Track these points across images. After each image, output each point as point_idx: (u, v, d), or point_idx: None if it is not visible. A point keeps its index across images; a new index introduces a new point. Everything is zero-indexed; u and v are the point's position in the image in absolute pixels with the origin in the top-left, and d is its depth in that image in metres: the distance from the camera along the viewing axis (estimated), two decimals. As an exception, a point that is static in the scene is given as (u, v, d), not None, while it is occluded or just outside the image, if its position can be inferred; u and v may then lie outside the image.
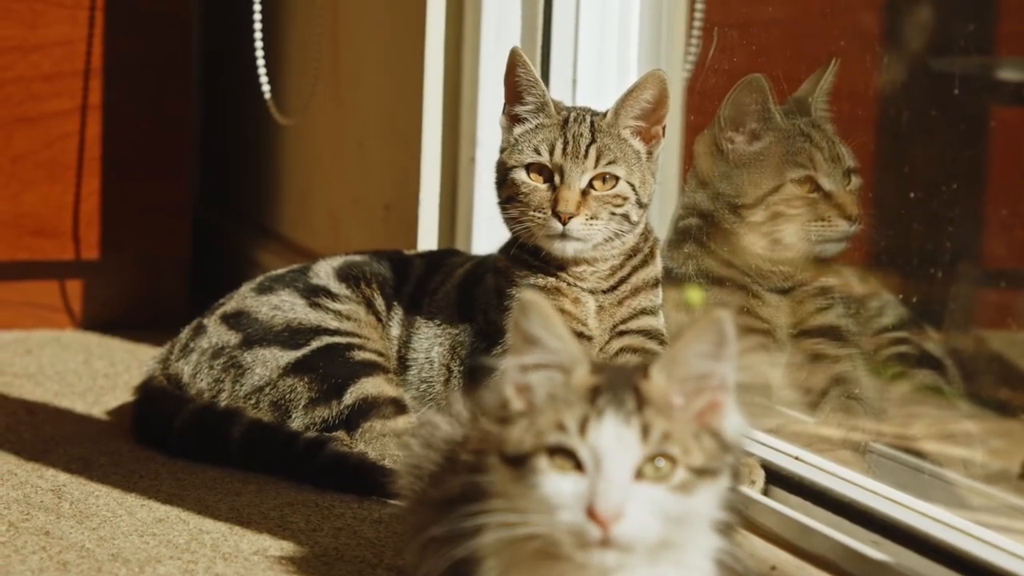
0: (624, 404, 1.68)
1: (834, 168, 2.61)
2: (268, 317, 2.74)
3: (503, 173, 2.60)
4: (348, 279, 2.77)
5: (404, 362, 2.72)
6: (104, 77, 3.62)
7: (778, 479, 2.42)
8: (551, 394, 1.72)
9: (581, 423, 1.68)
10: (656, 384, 1.71)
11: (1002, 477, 2.41)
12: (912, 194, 2.53)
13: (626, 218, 2.55)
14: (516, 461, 1.70)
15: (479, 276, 2.72)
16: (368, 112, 3.41)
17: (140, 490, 2.53)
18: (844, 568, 2.19)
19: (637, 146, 2.57)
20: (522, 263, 2.61)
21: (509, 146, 2.60)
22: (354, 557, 2.28)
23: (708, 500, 1.70)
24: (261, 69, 3.54)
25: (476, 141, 3.12)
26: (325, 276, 2.78)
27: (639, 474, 1.67)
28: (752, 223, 2.63)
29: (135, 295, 3.71)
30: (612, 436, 1.67)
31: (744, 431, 1.77)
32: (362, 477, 2.55)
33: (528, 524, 1.68)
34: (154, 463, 2.68)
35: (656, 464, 1.68)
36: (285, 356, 2.69)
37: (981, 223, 2.55)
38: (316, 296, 2.75)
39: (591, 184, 2.53)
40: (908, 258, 2.56)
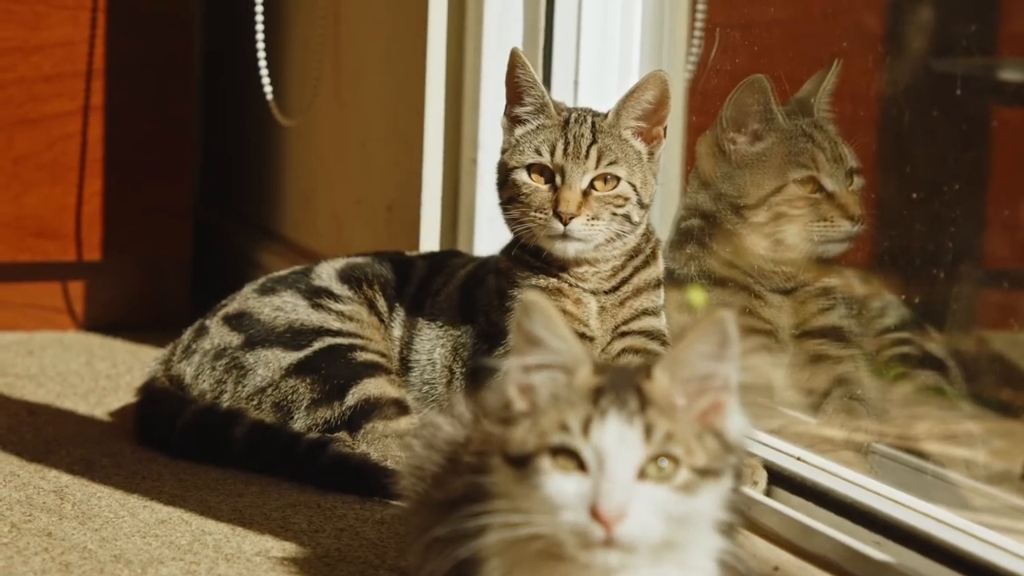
0: (627, 404, 1.69)
1: (836, 168, 2.61)
2: (270, 318, 2.74)
3: (504, 174, 2.60)
4: (350, 280, 2.77)
5: (406, 363, 2.72)
6: (106, 78, 3.62)
7: (780, 480, 2.42)
8: (554, 394, 1.72)
9: (584, 423, 1.68)
10: (659, 384, 1.71)
11: (1004, 478, 2.41)
12: (914, 195, 2.53)
13: (627, 219, 2.55)
14: (519, 461, 1.70)
15: (481, 277, 2.72)
16: (370, 113, 3.41)
17: (142, 491, 2.53)
18: (846, 569, 2.19)
19: (638, 147, 2.57)
20: (524, 264, 2.61)
21: (510, 147, 2.60)
22: (356, 558, 2.28)
23: (711, 500, 1.70)
24: (263, 70, 3.54)
25: (478, 142, 3.12)
26: (327, 277, 2.78)
27: (642, 474, 1.67)
28: (754, 224, 2.63)
29: (137, 296, 3.71)
30: (615, 436, 1.67)
31: (746, 432, 1.77)
32: (364, 478, 2.55)
33: (531, 524, 1.68)
34: (156, 464, 2.68)
35: (659, 464, 1.68)
36: (287, 357, 2.69)
37: (983, 224, 2.55)
38: (318, 297, 2.75)
39: (592, 185, 2.53)
40: (910, 259, 2.56)
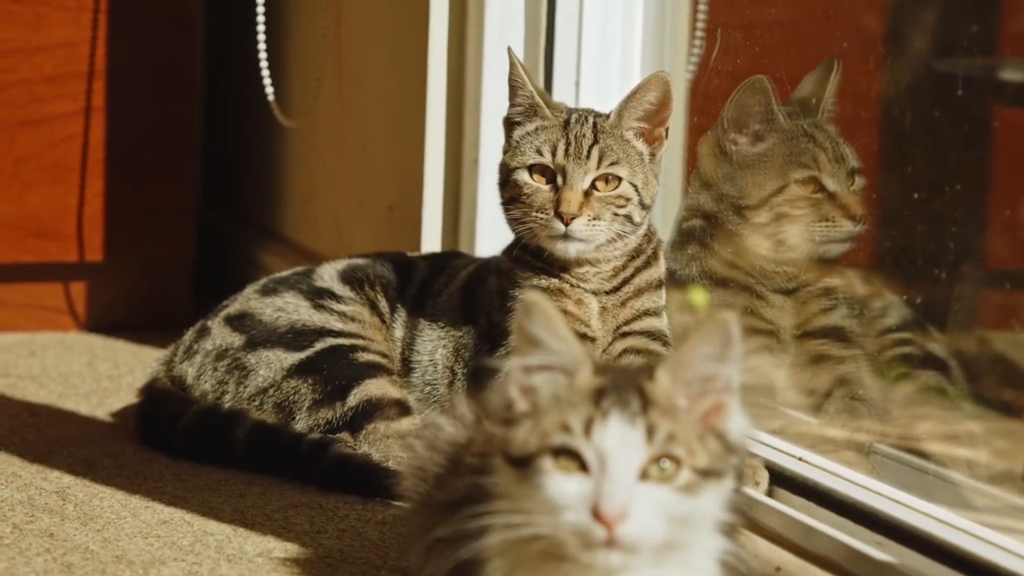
0: (629, 405, 1.69)
1: (838, 168, 2.61)
2: (272, 319, 2.74)
3: (506, 174, 2.60)
4: (352, 281, 2.77)
5: (408, 364, 2.72)
6: (107, 79, 3.62)
7: (782, 480, 2.42)
8: (555, 395, 1.72)
9: (586, 424, 1.68)
10: (661, 385, 1.71)
11: (1006, 478, 2.41)
12: (915, 195, 2.53)
13: (629, 219, 2.55)
14: (521, 462, 1.70)
15: (482, 278, 2.72)
16: (372, 114, 3.41)
17: (144, 492, 2.54)
18: (848, 569, 2.19)
19: (640, 147, 2.57)
20: (525, 264, 2.61)
21: (511, 147, 2.60)
22: (358, 559, 2.28)
23: (712, 501, 1.70)
24: (264, 71, 3.54)
25: (479, 143, 3.12)
26: (329, 278, 2.78)
27: (644, 475, 1.67)
28: (756, 224, 2.63)
29: (139, 297, 3.71)
30: (617, 437, 1.67)
31: (748, 432, 1.77)
32: (366, 479, 2.55)
33: (533, 525, 1.68)
34: (158, 465, 2.68)
35: (661, 465, 1.68)
36: (289, 358, 2.69)
37: (984, 224, 2.55)
38: (320, 298, 2.75)
39: (594, 185, 2.53)
40: (912, 259, 2.56)
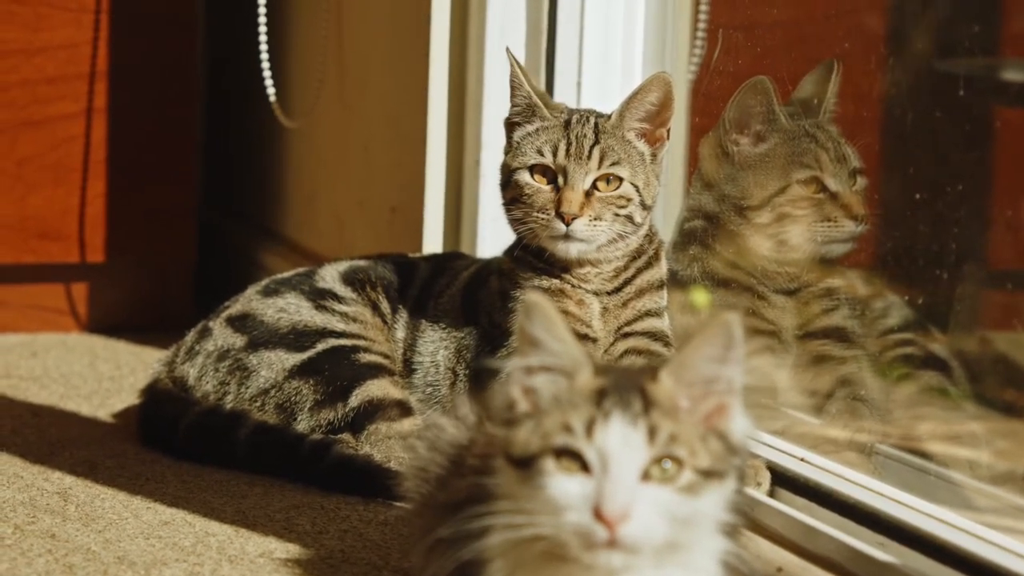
0: (631, 406, 1.69)
1: (840, 169, 2.61)
2: (274, 320, 2.74)
3: (507, 175, 2.60)
4: (353, 282, 2.77)
5: (409, 365, 2.72)
6: (109, 80, 3.62)
7: (784, 481, 2.42)
8: (556, 396, 1.72)
9: (587, 425, 1.68)
10: (663, 386, 1.71)
11: (1008, 478, 2.41)
12: (917, 195, 2.53)
13: (630, 219, 2.55)
14: (522, 463, 1.70)
15: (484, 279, 2.72)
16: (373, 115, 3.41)
17: (146, 493, 2.54)
18: (850, 569, 2.19)
19: (641, 148, 2.57)
20: (526, 265, 2.61)
21: (512, 148, 2.60)
22: (360, 559, 2.28)
23: (714, 502, 1.70)
24: (266, 72, 3.54)
25: (481, 144, 3.12)
26: (331, 279, 2.78)
27: (645, 475, 1.67)
28: (758, 224, 2.63)
29: (141, 298, 3.71)
30: (619, 438, 1.67)
31: (749, 433, 1.77)
32: (368, 479, 2.55)
33: (534, 525, 1.68)
34: (160, 466, 2.68)
35: (663, 466, 1.68)
36: (291, 358, 2.69)
37: (986, 224, 2.55)
38: (322, 299, 2.75)
39: (595, 185, 2.53)
40: (913, 259, 2.56)
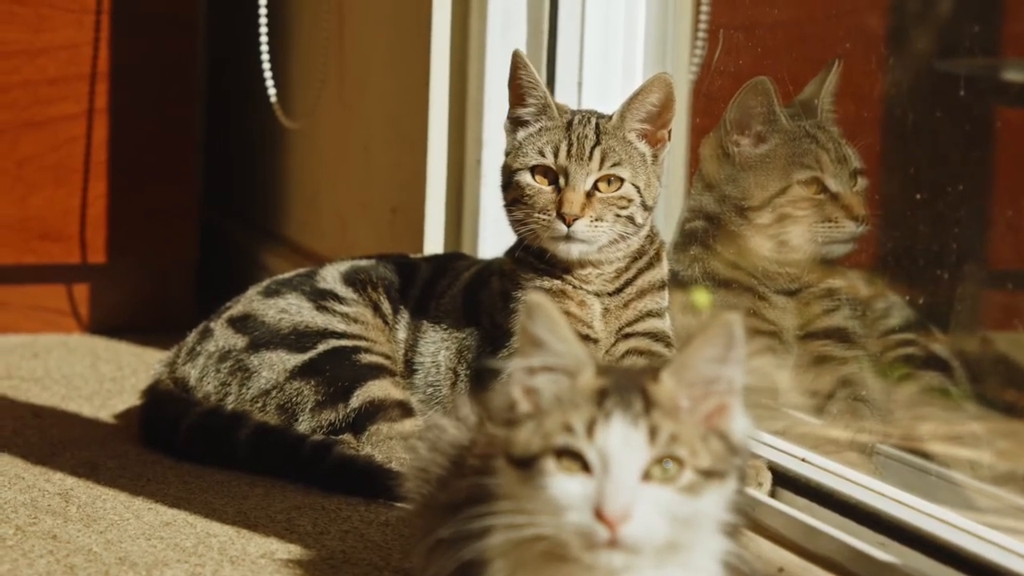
0: (632, 406, 1.69)
1: (840, 169, 2.61)
2: (275, 320, 2.74)
3: (508, 176, 2.60)
4: (354, 283, 2.77)
5: (411, 366, 2.72)
6: (110, 81, 3.62)
7: (785, 481, 2.42)
8: (557, 396, 1.72)
9: (588, 425, 1.68)
10: (665, 387, 1.71)
11: (1009, 478, 2.41)
12: (918, 195, 2.53)
13: (631, 220, 2.55)
14: (523, 463, 1.70)
15: (485, 279, 2.72)
16: (374, 115, 3.41)
17: (147, 493, 2.54)
18: (851, 570, 2.19)
19: (642, 149, 2.57)
20: (527, 266, 2.61)
21: (514, 149, 2.60)
22: (361, 560, 2.28)
23: (715, 502, 1.70)
24: (267, 72, 3.55)
25: (482, 144, 3.12)
26: (332, 280, 2.78)
27: (646, 476, 1.67)
28: (759, 225, 2.63)
29: (142, 299, 3.71)
30: (620, 438, 1.67)
31: (750, 433, 1.77)
32: (369, 480, 2.55)
33: (535, 525, 1.68)
34: (161, 466, 2.68)
35: (664, 466, 1.68)
36: (292, 359, 2.69)
37: (987, 224, 2.55)
38: (323, 299, 2.75)
39: (596, 186, 2.53)
40: (914, 260, 2.56)
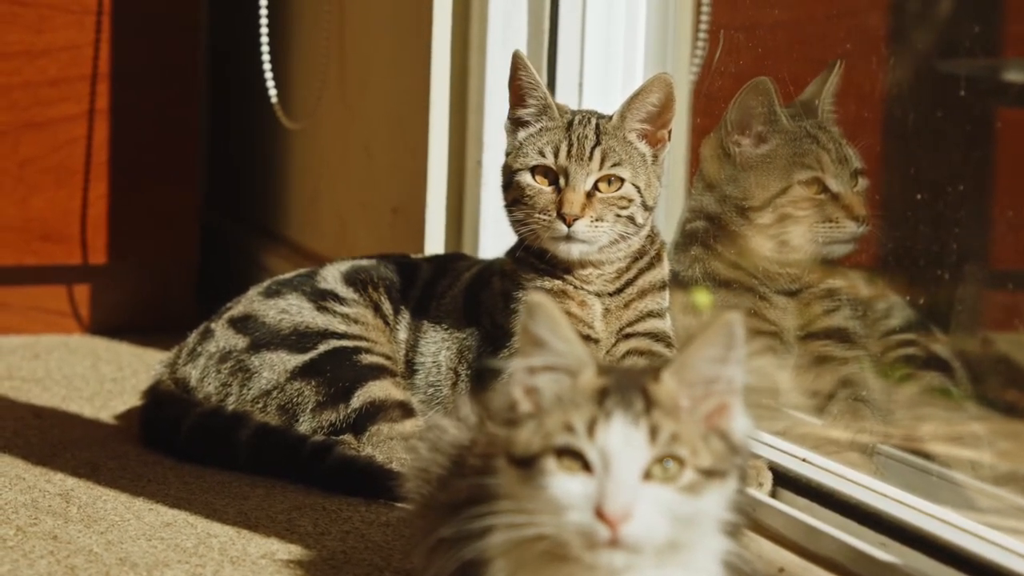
0: (632, 406, 1.69)
1: (841, 169, 2.61)
2: (275, 321, 2.74)
3: (508, 176, 2.60)
4: (355, 283, 2.77)
5: (411, 366, 2.72)
6: (111, 82, 3.62)
7: (786, 481, 2.41)
8: (558, 396, 1.72)
9: (589, 425, 1.68)
10: (666, 386, 1.71)
11: (1010, 478, 2.41)
12: (918, 196, 2.53)
13: (631, 220, 2.55)
14: (524, 463, 1.70)
15: (486, 280, 2.72)
16: (375, 116, 3.41)
17: (148, 494, 2.54)
18: (852, 570, 2.19)
19: (643, 149, 2.57)
20: (528, 266, 2.61)
21: (514, 149, 2.60)
22: (362, 560, 2.28)
23: (716, 501, 1.71)
24: (268, 73, 3.55)
25: (483, 145, 3.12)
26: (332, 280, 2.78)
27: (647, 475, 1.67)
28: (759, 225, 2.63)
29: (142, 299, 3.72)
30: (620, 437, 1.67)
31: (750, 433, 1.77)
32: (370, 480, 2.55)
33: (536, 525, 1.68)
34: (162, 467, 2.68)
35: (664, 465, 1.68)
36: (292, 360, 2.69)
37: (988, 224, 2.54)
38: (323, 300, 2.75)
39: (596, 186, 2.53)
40: (915, 260, 2.56)
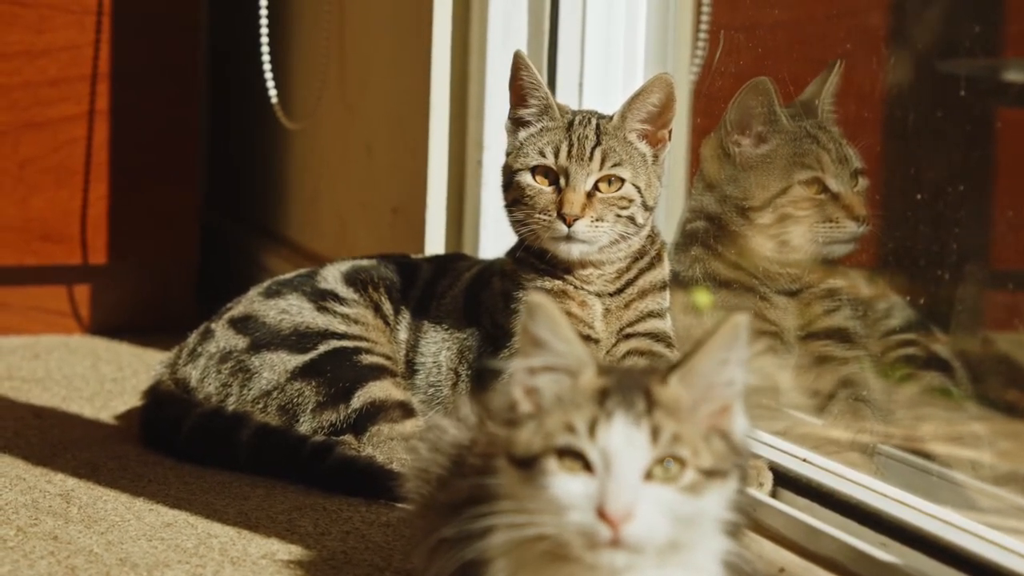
0: (634, 406, 1.69)
1: (841, 169, 2.61)
2: (276, 321, 2.74)
3: (508, 176, 2.60)
4: (355, 283, 2.77)
5: (412, 366, 2.72)
6: (111, 82, 3.62)
7: (786, 481, 2.41)
8: (558, 396, 1.72)
9: (590, 425, 1.68)
10: (670, 388, 1.71)
11: (1010, 478, 2.41)
12: (919, 196, 2.53)
13: (632, 220, 2.55)
14: (525, 463, 1.70)
15: (486, 280, 2.72)
16: (375, 116, 3.41)
17: (148, 494, 2.54)
18: (852, 570, 2.19)
19: (643, 149, 2.57)
20: (528, 266, 2.61)
21: (514, 149, 2.60)
22: (362, 561, 2.28)
23: (717, 501, 1.71)
24: (268, 74, 3.55)
25: (483, 145, 3.12)
26: (333, 280, 2.78)
27: (648, 475, 1.67)
28: (760, 225, 2.63)
29: (143, 300, 3.72)
30: (622, 437, 1.67)
31: (748, 433, 1.77)
32: (370, 481, 2.55)
33: (537, 525, 1.68)
34: (162, 467, 2.68)
35: (666, 466, 1.68)
36: (293, 360, 2.69)
37: (988, 224, 2.54)
38: (324, 300, 2.75)
39: (596, 186, 2.53)
40: (915, 260, 2.56)
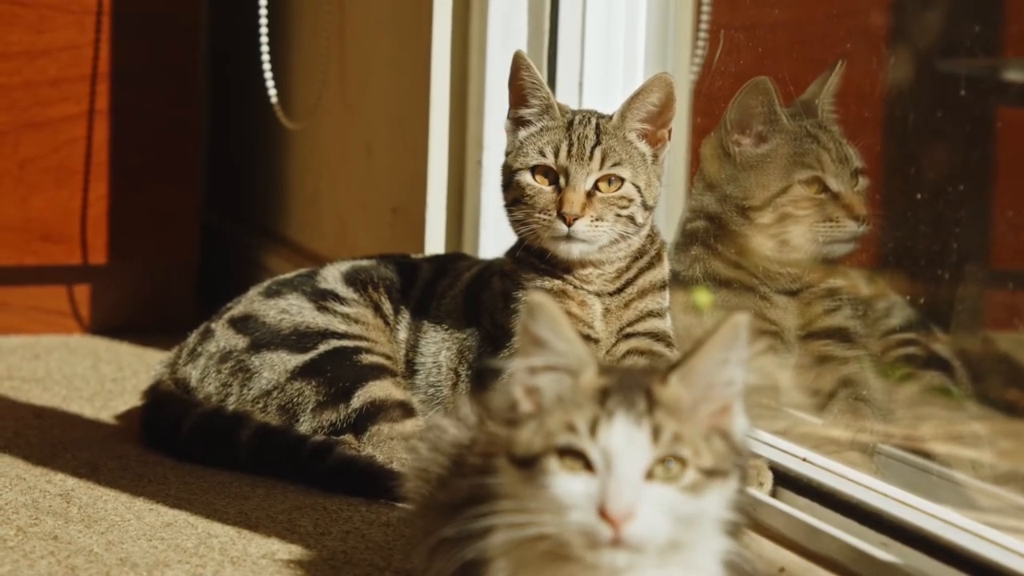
0: (635, 406, 1.69)
1: (842, 169, 2.61)
2: (276, 321, 2.74)
3: (508, 176, 2.60)
4: (355, 283, 2.77)
5: (412, 366, 2.72)
6: (111, 82, 3.62)
7: (786, 481, 2.41)
8: (559, 396, 1.72)
9: (591, 424, 1.68)
10: (670, 387, 1.71)
11: (1010, 478, 2.41)
12: (919, 195, 2.53)
13: (631, 220, 2.55)
14: (525, 463, 1.70)
15: (486, 280, 2.72)
16: (375, 116, 3.41)
17: (148, 494, 2.54)
18: (852, 570, 2.19)
19: (643, 149, 2.57)
20: (528, 266, 2.61)
21: (514, 149, 2.60)
22: (362, 560, 2.28)
23: (717, 501, 1.71)
24: (267, 74, 3.55)
25: (483, 145, 3.12)
26: (333, 280, 2.78)
27: (649, 475, 1.67)
28: (760, 225, 2.63)
29: (143, 300, 3.72)
30: (623, 437, 1.67)
31: (748, 432, 1.77)
32: (370, 480, 2.55)
33: (538, 524, 1.68)
34: (162, 467, 2.68)
35: (667, 465, 1.68)
36: (293, 360, 2.69)
37: (988, 224, 2.54)
38: (324, 300, 2.75)
39: (596, 186, 2.53)
40: (915, 259, 2.56)
